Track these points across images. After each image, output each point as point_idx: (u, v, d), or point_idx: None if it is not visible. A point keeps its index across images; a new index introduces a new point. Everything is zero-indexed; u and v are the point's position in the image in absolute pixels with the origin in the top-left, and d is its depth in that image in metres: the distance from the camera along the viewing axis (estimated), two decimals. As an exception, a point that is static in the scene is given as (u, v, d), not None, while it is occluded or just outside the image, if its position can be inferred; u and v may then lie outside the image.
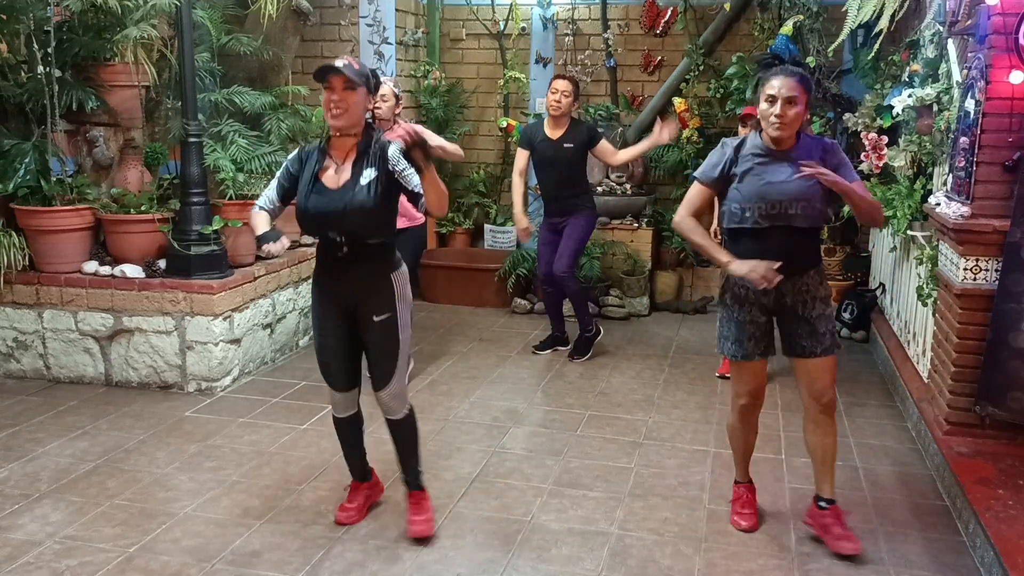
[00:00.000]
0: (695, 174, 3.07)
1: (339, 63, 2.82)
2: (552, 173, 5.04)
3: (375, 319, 2.96)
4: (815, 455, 3.12)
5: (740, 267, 2.88)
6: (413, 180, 2.87)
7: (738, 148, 2.97)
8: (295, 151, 3.04)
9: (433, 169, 2.77)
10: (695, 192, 3.04)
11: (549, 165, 5.03)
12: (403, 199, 2.93)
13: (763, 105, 2.86)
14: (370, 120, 2.97)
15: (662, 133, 4.79)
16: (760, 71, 3.13)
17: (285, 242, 2.89)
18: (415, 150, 2.72)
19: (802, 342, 2.99)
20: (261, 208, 3.00)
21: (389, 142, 2.95)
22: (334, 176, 2.90)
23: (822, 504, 3.12)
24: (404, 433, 3.15)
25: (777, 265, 2.83)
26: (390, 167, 2.87)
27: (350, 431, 3.22)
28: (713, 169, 2.99)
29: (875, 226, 2.92)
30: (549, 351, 5.37)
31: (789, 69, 2.91)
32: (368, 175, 2.86)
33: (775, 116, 2.82)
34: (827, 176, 2.79)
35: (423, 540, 3.08)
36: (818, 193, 2.87)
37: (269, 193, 3.01)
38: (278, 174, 3.02)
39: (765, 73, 2.95)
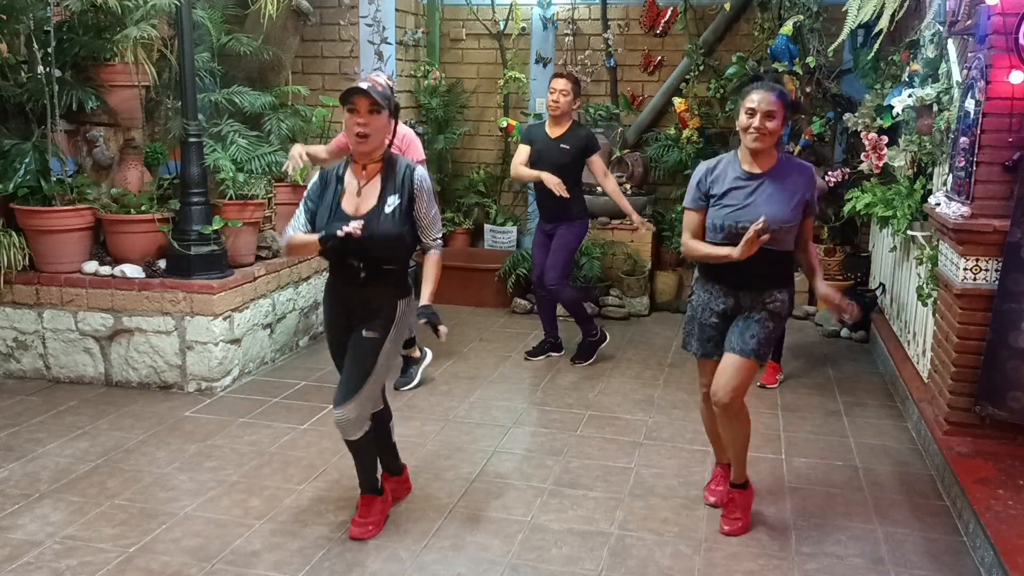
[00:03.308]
0: (684, 203, 3.20)
1: (364, 85, 2.78)
2: (546, 171, 4.97)
3: (364, 333, 2.95)
4: (724, 440, 3.27)
5: (736, 250, 2.97)
6: (425, 220, 2.92)
7: (711, 172, 3.09)
8: (315, 177, 2.99)
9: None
10: (690, 218, 3.17)
11: (544, 164, 4.96)
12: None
13: (743, 118, 2.99)
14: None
15: (640, 225, 5.20)
16: (741, 87, 3.28)
17: (353, 227, 2.80)
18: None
19: (731, 337, 3.12)
20: (295, 232, 2.97)
21: (415, 166, 2.94)
22: (355, 202, 2.88)
23: (732, 483, 3.27)
24: (358, 451, 3.09)
25: (760, 222, 2.90)
26: (415, 191, 2.88)
27: (375, 426, 3.20)
28: (696, 196, 3.13)
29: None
30: (543, 357, 5.31)
31: (768, 84, 3.05)
32: (392, 202, 2.86)
33: (754, 128, 2.95)
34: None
35: (360, 541, 3.07)
36: (796, 220, 3.02)
37: (297, 221, 2.96)
38: (304, 198, 2.98)
39: (745, 88, 3.08)
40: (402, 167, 2.92)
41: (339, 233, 2.76)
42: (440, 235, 3.03)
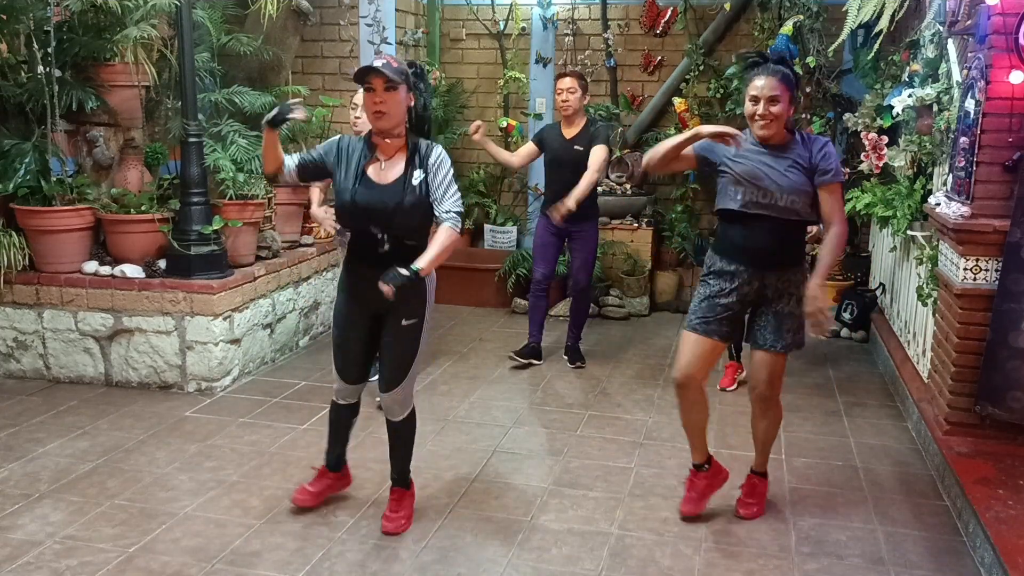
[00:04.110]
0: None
1: (378, 63, 2.79)
2: (561, 174, 4.93)
3: (403, 323, 2.97)
4: (753, 433, 3.33)
5: (708, 127, 2.93)
6: (438, 191, 2.90)
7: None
8: (335, 139, 3.00)
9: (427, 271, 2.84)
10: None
11: (560, 165, 4.94)
12: None
13: (747, 105, 2.98)
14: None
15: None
16: (744, 71, 3.22)
17: (301, 112, 2.90)
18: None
19: (764, 334, 3.12)
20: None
21: (435, 144, 2.96)
22: (381, 172, 2.90)
23: (755, 470, 3.38)
24: (401, 435, 3.17)
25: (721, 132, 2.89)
26: (429, 164, 2.89)
27: (344, 417, 3.24)
28: (706, 143, 3.03)
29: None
30: (525, 363, 5.12)
31: (771, 68, 2.97)
32: (418, 176, 2.89)
33: (759, 115, 2.94)
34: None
35: (394, 536, 3.11)
36: (808, 190, 2.97)
37: (291, 159, 2.99)
38: (309, 150, 2.99)
39: (748, 73, 3.03)
40: (424, 145, 2.95)
41: (294, 115, 2.84)
42: (456, 210, 2.93)
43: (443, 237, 2.88)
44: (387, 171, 2.90)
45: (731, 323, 3.12)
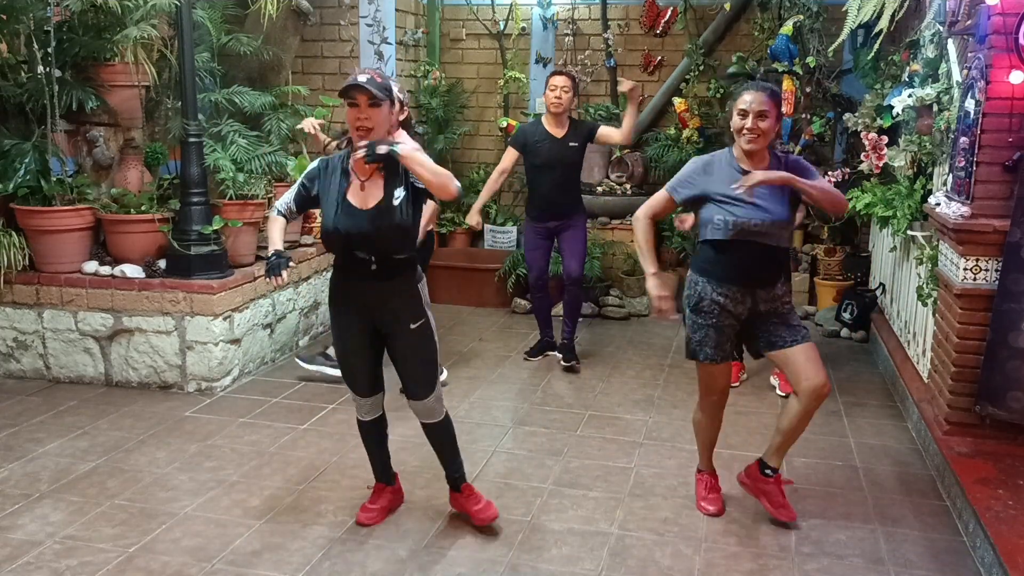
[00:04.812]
0: (668, 184, 3.15)
1: (362, 78, 2.77)
2: (553, 174, 4.91)
3: (411, 327, 2.97)
4: (784, 433, 3.20)
5: (653, 287, 3.11)
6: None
7: (708, 167, 3.09)
8: (315, 162, 3.00)
9: (407, 156, 2.74)
10: (661, 199, 3.18)
11: (550, 165, 4.91)
12: None
13: (735, 119, 3.00)
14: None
15: (629, 90, 4.86)
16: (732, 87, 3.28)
17: (285, 277, 2.94)
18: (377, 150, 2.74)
19: (781, 334, 3.12)
20: (279, 213, 3.00)
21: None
22: (361, 194, 2.88)
23: (767, 472, 3.27)
24: (445, 435, 3.16)
25: (669, 306, 3.11)
26: (412, 179, 2.87)
27: (374, 433, 3.22)
28: (682, 188, 3.11)
29: (839, 213, 3.24)
30: (540, 357, 5.28)
31: (759, 84, 3.06)
32: (399, 194, 2.86)
33: (747, 129, 2.96)
34: (772, 177, 2.92)
35: (488, 527, 3.15)
36: (787, 213, 3.03)
37: (288, 198, 3.00)
38: (298, 182, 2.99)
39: (736, 88, 3.10)
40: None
41: (278, 279, 2.89)
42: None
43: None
44: (367, 194, 2.87)
45: (734, 340, 3.25)
